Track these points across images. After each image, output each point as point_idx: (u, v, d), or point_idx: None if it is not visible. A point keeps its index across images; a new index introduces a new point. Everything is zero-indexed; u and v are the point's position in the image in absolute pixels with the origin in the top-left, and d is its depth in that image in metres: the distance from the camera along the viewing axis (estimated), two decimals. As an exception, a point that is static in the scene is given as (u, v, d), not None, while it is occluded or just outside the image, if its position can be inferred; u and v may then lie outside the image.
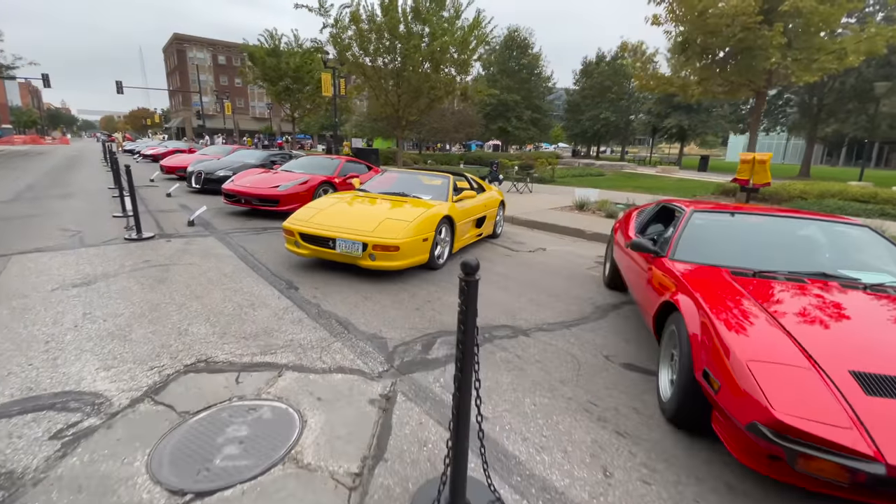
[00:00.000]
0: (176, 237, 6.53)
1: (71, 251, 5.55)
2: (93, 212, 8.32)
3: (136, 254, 5.53)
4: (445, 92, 15.66)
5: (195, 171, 11.48)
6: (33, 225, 7.02)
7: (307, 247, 4.91)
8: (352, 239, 4.61)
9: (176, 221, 7.73)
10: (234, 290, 4.31)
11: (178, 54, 66.06)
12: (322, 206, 5.35)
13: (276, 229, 7.39)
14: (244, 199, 8.31)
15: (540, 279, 5.33)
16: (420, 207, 5.28)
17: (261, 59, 24.27)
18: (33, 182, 12.77)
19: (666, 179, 21.16)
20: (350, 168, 10.09)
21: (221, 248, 5.96)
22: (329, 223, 4.89)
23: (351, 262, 4.77)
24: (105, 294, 4.08)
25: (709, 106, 31.41)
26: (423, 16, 15.15)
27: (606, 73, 40.68)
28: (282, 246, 6.15)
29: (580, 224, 8.86)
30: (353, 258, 4.68)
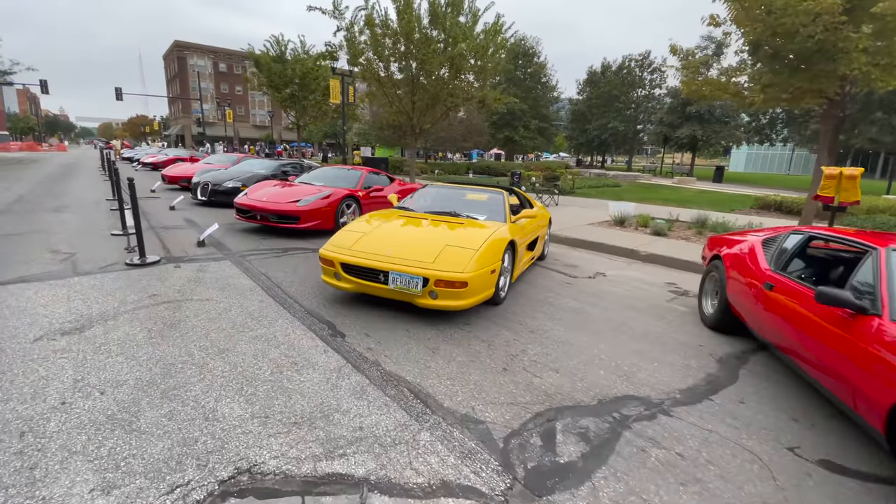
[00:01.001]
0: (185, 261, 5.63)
1: (61, 281, 4.64)
2: (88, 228, 7.42)
3: (139, 285, 4.62)
4: (464, 99, 14.89)
5: (201, 182, 10.61)
6: (20, 245, 6.11)
7: (350, 280, 4.02)
8: (409, 272, 3.73)
9: (183, 240, 6.84)
10: (266, 340, 3.41)
11: (179, 61, 65.51)
12: (364, 229, 4.47)
13: (299, 251, 6.50)
14: (260, 214, 7.42)
15: (624, 317, 4.46)
16: (480, 231, 4.41)
17: (266, 66, 23.50)
18: (25, 192, 11.85)
19: (687, 191, 20.41)
20: (372, 180, 9.23)
21: (241, 277, 5.06)
22: (377, 251, 4.01)
23: (406, 299, 3.89)
24: (102, 347, 3.18)
25: (722, 116, 30.85)
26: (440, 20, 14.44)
27: (614, 83, 40.20)
28: (311, 273, 5.28)
29: (627, 242, 8.02)
30: (410, 295, 3.80)
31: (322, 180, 8.86)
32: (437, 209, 5.21)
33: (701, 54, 11.09)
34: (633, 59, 39.86)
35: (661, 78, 40.14)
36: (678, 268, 6.94)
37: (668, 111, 32.72)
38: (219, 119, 65.15)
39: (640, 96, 40.90)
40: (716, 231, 9.04)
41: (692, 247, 7.94)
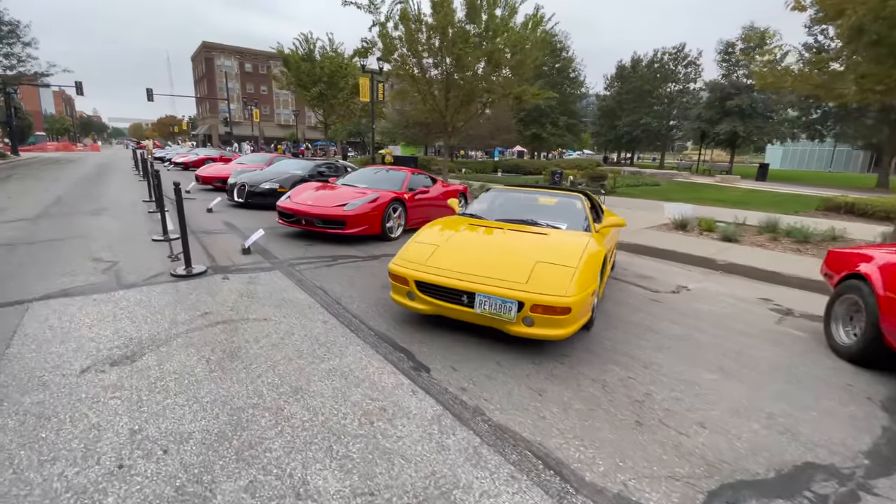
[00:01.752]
0: (233, 271, 5.22)
1: (106, 296, 4.26)
2: (128, 233, 7.13)
3: (189, 300, 4.21)
4: (502, 95, 14.28)
5: (238, 184, 10.30)
6: (61, 253, 5.82)
7: (427, 301, 3.51)
8: (500, 294, 3.18)
9: (226, 247, 6.46)
10: (342, 375, 2.91)
11: (207, 62, 66.54)
12: (435, 240, 3.94)
13: (349, 259, 6.04)
14: (305, 219, 7.00)
15: (738, 344, 3.83)
16: (570, 244, 3.84)
17: (295, 64, 23.32)
18: (62, 194, 11.79)
19: (734, 190, 19.32)
20: (417, 181, 8.73)
21: (295, 291, 4.61)
22: (457, 267, 3.48)
23: (493, 326, 3.35)
24: (158, 383, 2.73)
25: (765, 110, 29.32)
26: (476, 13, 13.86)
27: (646, 77, 38.83)
28: (368, 286, 4.79)
29: (698, 249, 7.32)
30: (500, 322, 3.25)
31: (365, 182, 8.41)
32: (510, 216, 4.64)
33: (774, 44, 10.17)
34: (667, 53, 38.41)
35: (696, 71, 38.60)
36: (764, 280, 6.22)
37: (706, 106, 31.31)
38: (245, 118, 66.06)
39: (673, 91, 39.41)
40: (793, 237, 8.24)
41: (772, 255, 7.19)
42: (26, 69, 26.92)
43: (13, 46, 25.48)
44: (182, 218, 5.01)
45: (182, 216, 5.01)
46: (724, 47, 30.38)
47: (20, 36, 25.43)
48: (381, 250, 6.74)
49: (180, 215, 4.99)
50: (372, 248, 6.82)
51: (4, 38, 24.83)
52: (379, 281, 5.10)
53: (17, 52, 25.83)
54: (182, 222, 5.02)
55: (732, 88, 29.09)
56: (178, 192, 4.92)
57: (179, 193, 4.92)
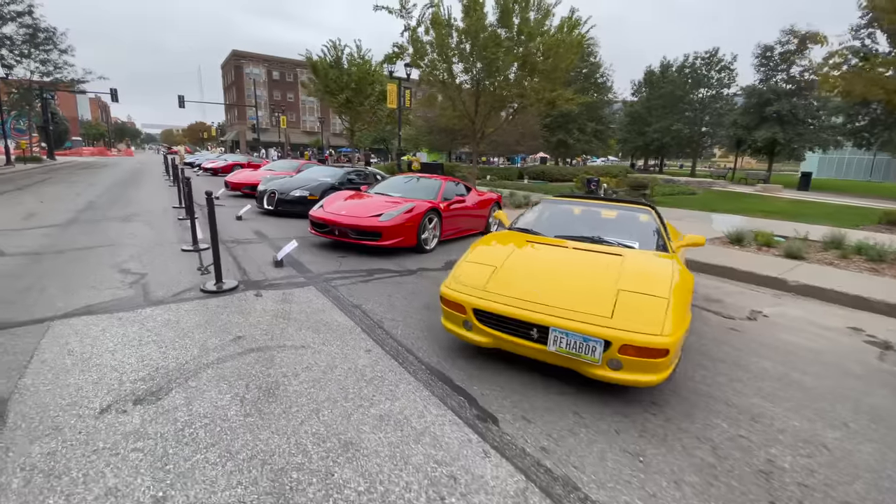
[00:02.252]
0: (266, 287, 4.86)
1: (132, 314, 3.94)
2: (157, 242, 6.89)
3: (219, 321, 3.85)
4: (536, 100, 13.79)
5: (267, 191, 10.07)
6: (89, 263, 5.58)
7: (487, 332, 3.04)
8: (580, 330, 2.69)
9: (258, 258, 6.14)
10: (397, 426, 2.47)
11: (236, 70, 68.06)
12: (492, 259, 3.47)
13: (385, 274, 5.63)
14: (338, 230, 6.64)
15: (848, 389, 3.24)
16: (654, 267, 3.33)
17: (323, 71, 23.34)
18: (94, 199, 11.80)
19: (777, 200, 18.29)
20: (452, 190, 8.30)
21: (332, 311, 4.21)
22: (524, 295, 3.01)
23: (570, 366, 2.86)
24: (186, 431, 2.34)
25: (806, 117, 27.97)
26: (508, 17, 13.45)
27: (678, 82, 37.73)
28: (409, 307, 4.36)
29: (762, 268, 6.65)
30: (579, 363, 2.76)
31: (398, 191, 8.02)
32: (571, 233, 4.14)
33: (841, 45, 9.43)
34: (700, 57, 37.25)
35: (729, 76, 37.33)
36: (847, 305, 5.54)
37: (743, 112, 30.08)
38: (272, 125, 67.19)
39: (706, 96, 38.17)
40: (865, 254, 7.47)
41: (847, 275, 6.47)
42: (63, 76, 27.72)
43: (50, 53, 26.26)
44: (214, 232, 4.68)
45: (214, 230, 4.68)
46: (761, 51, 29.21)
47: (57, 43, 26.22)
48: (417, 264, 6.32)
49: (212, 229, 4.66)
50: (407, 262, 6.40)
51: (41, 46, 25.59)
52: (420, 300, 4.66)
53: (54, 59, 26.61)
54: (214, 236, 4.69)
55: (771, 94, 27.87)
56: (211, 203, 4.60)
57: (212, 205, 4.60)
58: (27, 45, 25.36)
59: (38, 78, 27.59)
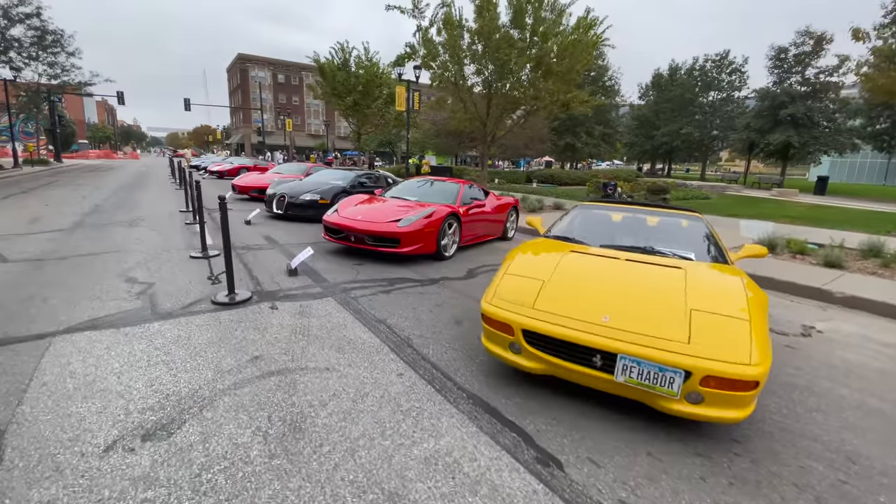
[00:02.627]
0: (281, 298, 4.54)
1: (139, 329, 3.62)
2: (165, 247, 6.59)
3: (234, 337, 3.52)
4: (551, 102, 13.47)
5: (277, 195, 9.78)
6: (94, 270, 5.27)
7: (539, 357, 2.70)
8: (656, 359, 2.34)
9: (270, 266, 5.82)
10: (447, 471, 2.12)
11: (242, 73, 68.18)
12: (538, 272, 3.13)
13: (406, 283, 5.29)
14: (354, 236, 6.32)
15: (953, 424, 2.86)
16: (718, 280, 2.99)
17: (331, 74, 23.12)
18: (100, 202, 11.55)
19: (797, 205, 17.85)
20: (470, 194, 7.97)
21: (355, 327, 3.87)
22: (581, 314, 2.67)
23: (641, 399, 2.50)
24: (203, 477, 2.00)
25: (821, 120, 27.48)
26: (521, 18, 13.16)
27: (687, 85, 37.32)
28: (437, 321, 4.02)
29: (802, 277, 6.28)
30: (653, 396, 2.41)
31: (415, 195, 7.70)
32: (619, 242, 3.80)
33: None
34: (710, 59, 36.85)
35: (740, 79, 36.90)
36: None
37: (756, 115, 29.62)
38: (277, 128, 67.19)
39: (716, 99, 37.72)
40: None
41: (893, 285, 6.09)
42: (70, 78, 27.66)
43: (57, 56, 26.19)
44: (227, 240, 4.36)
45: (227, 238, 4.36)
46: (775, 52, 28.77)
47: (64, 46, 26.14)
48: (438, 272, 5.98)
49: (225, 237, 4.34)
50: (427, 270, 6.07)
51: (49, 48, 25.53)
52: (447, 313, 4.32)
53: (62, 62, 26.54)
54: (227, 245, 4.37)
55: (786, 96, 27.41)
56: (224, 209, 4.28)
57: (225, 211, 4.28)
58: (35, 48, 25.31)
59: (45, 80, 27.56)
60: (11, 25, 23.26)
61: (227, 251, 4.35)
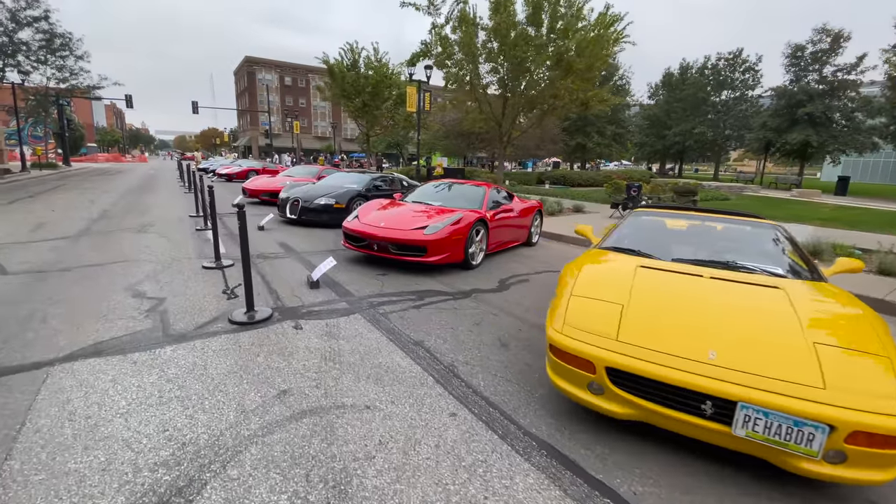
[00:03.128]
0: (304, 315, 4.11)
1: (148, 355, 3.20)
2: (175, 256, 6.19)
3: (257, 365, 3.09)
4: (570, 101, 13.00)
5: (291, 199, 9.38)
6: (98, 283, 4.88)
7: (629, 401, 2.24)
8: (792, 410, 1.88)
9: (288, 277, 5.41)
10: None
11: (249, 76, 68.24)
12: (613, 293, 2.68)
13: (437, 297, 4.85)
14: (377, 244, 5.89)
15: None
16: (826, 303, 2.52)
17: (340, 74, 22.78)
18: (108, 207, 11.22)
19: (822, 206, 17.23)
20: (496, 198, 7.52)
21: (391, 351, 3.44)
22: (681, 348, 2.21)
23: (764, 456, 2.04)
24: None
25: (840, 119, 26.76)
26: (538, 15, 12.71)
27: (700, 84, 36.66)
28: (476, 340, 3.57)
29: (862, 288, 5.75)
30: (784, 454, 1.94)
31: (437, 199, 7.26)
32: (693, 255, 3.34)
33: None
34: (723, 58, 36.16)
35: (754, 78, 36.17)
36: None
37: (773, 114, 28.94)
38: (285, 130, 67.15)
39: (729, 98, 37.01)
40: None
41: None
42: (79, 82, 27.52)
43: (66, 59, 26.05)
44: (246, 255, 3.93)
45: (246, 252, 3.93)
46: (792, 50, 28.09)
47: (73, 49, 26.01)
48: (467, 283, 5.54)
49: (244, 252, 3.92)
50: (456, 280, 5.63)
51: (58, 52, 25.40)
52: (489, 333, 3.88)
53: (70, 66, 26.41)
54: (246, 260, 3.94)
55: (804, 95, 26.73)
56: (243, 219, 3.86)
57: (244, 221, 3.86)
58: (44, 51, 25.18)
59: (54, 84, 27.45)
60: (20, 29, 23.13)
61: (247, 266, 3.93)
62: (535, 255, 7.55)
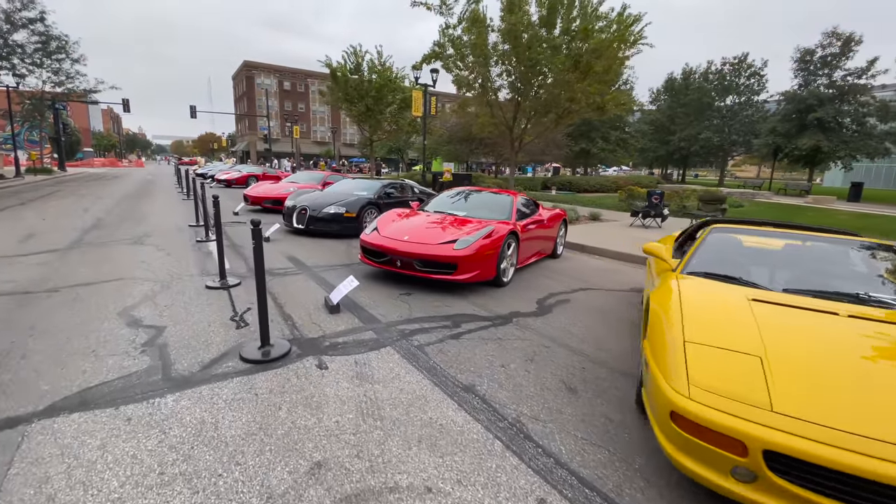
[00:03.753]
0: (328, 350, 3.52)
1: (146, 408, 2.61)
2: (175, 273, 5.60)
3: (281, 427, 2.50)
4: (587, 104, 12.50)
5: (297, 207, 8.80)
6: (88, 306, 4.28)
7: (797, 495, 1.66)
8: None
9: (302, 297, 4.82)
10: None
11: (247, 80, 67.79)
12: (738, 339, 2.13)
13: (472, 322, 4.27)
14: (401, 260, 5.31)
15: None
16: None
17: (343, 79, 22.26)
18: (103, 215, 10.61)
19: (839, 213, 16.75)
20: (523, 207, 6.96)
21: (440, 400, 2.85)
22: (864, 426, 1.64)
23: None
24: None
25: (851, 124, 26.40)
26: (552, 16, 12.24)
27: (705, 89, 36.36)
28: (534, 381, 3.01)
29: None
30: None
31: (461, 209, 6.70)
32: (808, 284, 2.77)
33: None
34: (728, 63, 35.89)
35: (759, 82, 35.91)
36: None
37: (782, 119, 28.57)
38: (284, 135, 66.64)
39: (735, 103, 36.70)
40: None
41: None
42: (75, 86, 26.92)
43: (62, 62, 25.46)
44: (261, 284, 3.34)
45: (262, 280, 3.33)
46: (800, 55, 27.76)
47: (69, 52, 25.42)
48: (502, 304, 4.97)
49: (259, 281, 3.32)
50: (488, 301, 5.06)
51: (54, 54, 24.80)
52: (549, 373, 3.30)
53: (66, 69, 25.81)
54: (261, 289, 3.35)
55: (814, 99, 26.36)
56: (258, 238, 3.27)
57: (260, 241, 3.27)
58: (39, 54, 24.59)
59: (50, 88, 26.84)
60: (14, 30, 22.55)
61: (262, 296, 3.33)
62: (565, 269, 6.99)
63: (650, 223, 11.58)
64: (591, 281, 6.30)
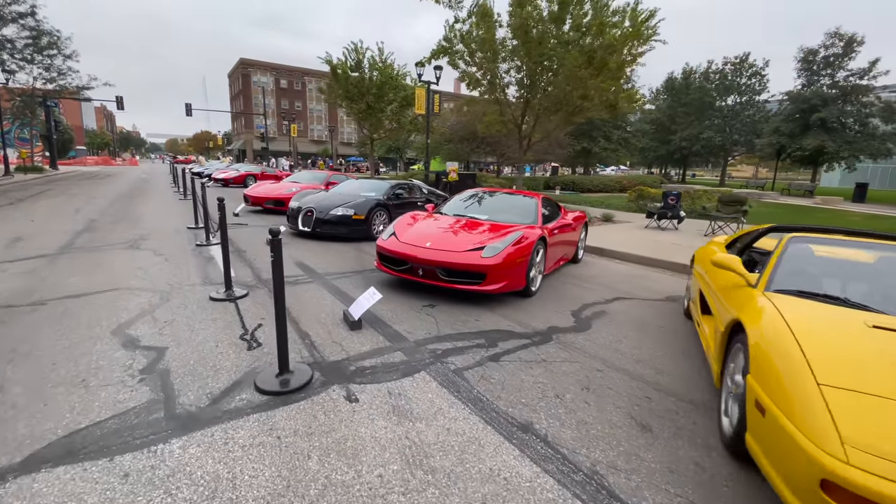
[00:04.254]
0: (355, 376, 3.07)
1: (146, 460, 2.15)
2: (175, 282, 5.13)
3: (313, 483, 2.06)
4: (600, 101, 12.10)
5: (304, 209, 8.33)
6: (77, 324, 3.81)
7: None
8: None
9: (317, 310, 4.37)
10: None
11: (243, 78, 66.99)
12: (874, 378, 1.70)
13: (509, 340, 3.83)
14: (423, 269, 4.86)
15: None
16: None
17: (343, 76, 21.74)
18: (96, 216, 10.09)
19: (850, 215, 16.45)
20: (548, 209, 6.54)
21: (496, 444, 2.41)
22: None
23: None
24: None
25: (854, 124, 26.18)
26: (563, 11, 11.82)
27: (706, 89, 36.09)
28: (602, 419, 2.61)
29: None
30: None
31: (482, 212, 6.26)
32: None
33: None
34: (730, 63, 35.64)
35: (760, 82, 35.69)
36: None
37: (786, 119, 28.33)
38: (281, 134, 65.95)
39: (736, 103, 36.47)
40: None
41: None
42: (67, 82, 26.23)
43: (53, 59, 24.76)
44: (281, 309, 2.88)
45: (281, 305, 2.88)
46: (804, 55, 27.52)
47: (61, 48, 24.73)
48: (535, 317, 4.54)
49: (278, 305, 2.86)
50: (519, 312, 4.63)
51: (45, 50, 24.10)
52: (611, 405, 2.87)
53: (58, 65, 25.12)
54: (281, 307, 2.89)
55: (818, 99, 26.12)
56: (278, 250, 2.82)
57: (279, 252, 2.82)
58: (30, 50, 23.89)
59: (41, 84, 26.12)
60: (3, 25, 21.86)
61: (281, 315, 2.87)
62: (589, 276, 6.58)
63: (666, 225, 11.21)
64: (622, 289, 5.88)
